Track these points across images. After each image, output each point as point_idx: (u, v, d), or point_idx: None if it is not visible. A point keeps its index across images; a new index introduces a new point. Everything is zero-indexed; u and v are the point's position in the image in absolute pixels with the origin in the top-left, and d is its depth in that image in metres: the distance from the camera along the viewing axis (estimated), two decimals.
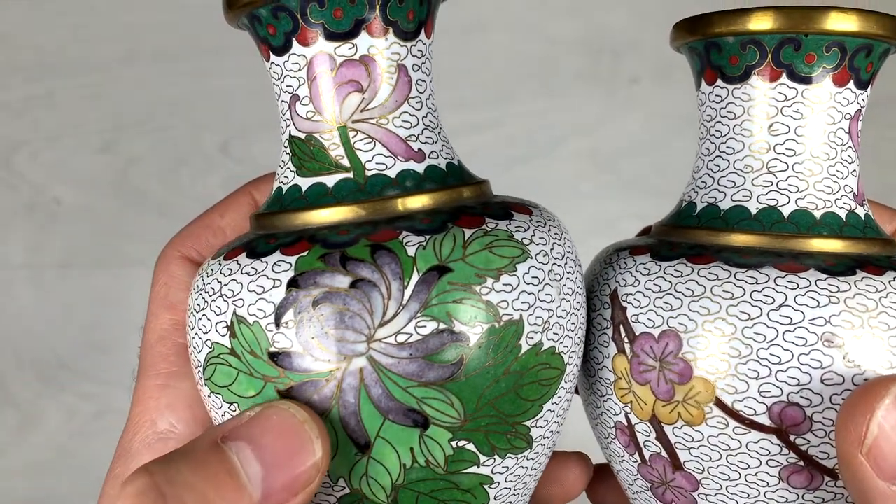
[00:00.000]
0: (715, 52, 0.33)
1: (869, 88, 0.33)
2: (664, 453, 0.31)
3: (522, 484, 0.33)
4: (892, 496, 0.27)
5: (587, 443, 0.40)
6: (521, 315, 0.30)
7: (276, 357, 0.29)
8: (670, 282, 0.31)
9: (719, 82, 0.33)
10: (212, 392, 0.31)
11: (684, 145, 0.83)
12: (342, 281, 0.29)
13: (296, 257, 0.30)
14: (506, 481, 0.32)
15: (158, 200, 0.83)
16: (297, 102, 0.33)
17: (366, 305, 0.29)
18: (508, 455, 0.31)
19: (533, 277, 0.30)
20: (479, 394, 0.30)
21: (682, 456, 0.31)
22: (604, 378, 0.33)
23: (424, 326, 0.29)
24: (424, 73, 0.33)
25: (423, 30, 0.33)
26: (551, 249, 0.31)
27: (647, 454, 0.32)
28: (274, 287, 0.30)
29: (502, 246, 0.30)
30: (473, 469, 0.31)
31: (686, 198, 0.35)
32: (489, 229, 0.30)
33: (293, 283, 0.29)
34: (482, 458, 0.31)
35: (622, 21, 0.84)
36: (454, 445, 0.30)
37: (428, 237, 0.30)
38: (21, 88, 0.84)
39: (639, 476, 0.33)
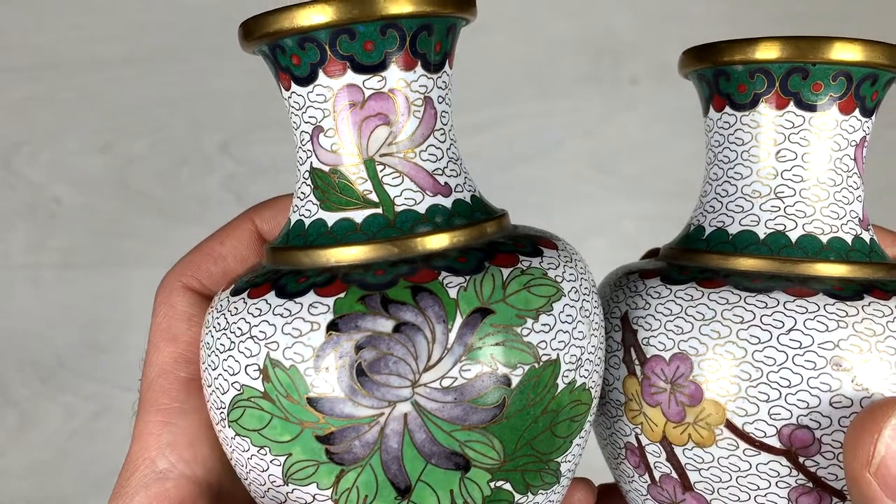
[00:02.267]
0: (724, 79, 0.34)
1: (874, 116, 0.34)
2: (674, 474, 0.32)
3: None
4: None
5: (595, 461, 0.41)
6: (557, 354, 0.30)
7: (315, 402, 0.29)
8: (681, 305, 0.31)
9: (728, 109, 0.34)
10: (237, 434, 0.31)
11: (684, 146, 0.84)
12: (385, 325, 0.29)
13: (333, 299, 0.30)
14: None
15: (158, 200, 0.84)
16: (321, 134, 0.32)
17: (410, 350, 0.29)
18: (540, 491, 0.32)
19: (567, 315, 0.31)
20: (519, 434, 0.30)
21: (693, 477, 0.31)
22: (614, 399, 0.34)
23: (469, 370, 0.29)
24: (448, 104, 0.33)
25: (447, 61, 0.33)
26: (580, 286, 0.32)
27: (657, 475, 0.33)
28: (312, 330, 0.29)
29: (539, 285, 0.30)
30: None
31: (694, 221, 0.35)
32: (525, 268, 0.30)
33: (333, 327, 0.29)
34: (517, 497, 0.31)
35: (622, 22, 0.85)
36: (492, 486, 0.30)
37: (467, 278, 0.30)
38: (21, 88, 0.84)
39: (649, 497, 0.34)
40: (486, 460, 0.30)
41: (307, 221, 0.33)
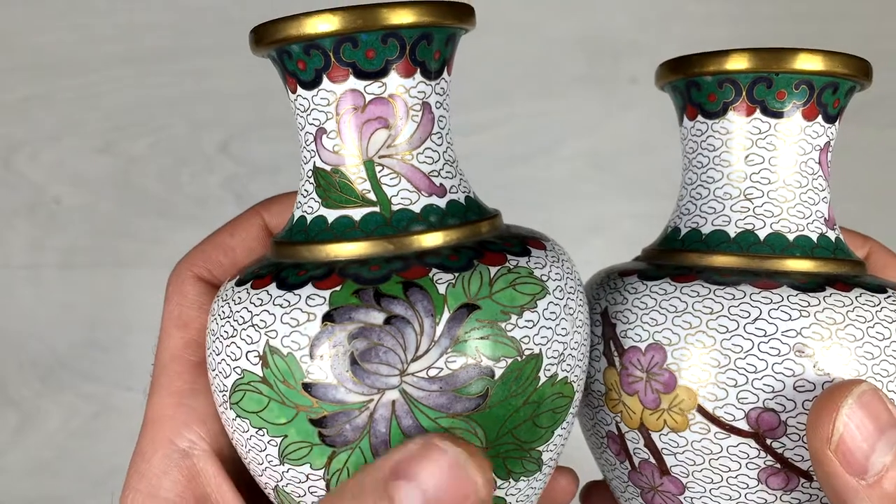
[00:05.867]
0: (695, 90, 0.37)
1: (837, 122, 0.37)
2: (652, 459, 0.35)
3: (530, 502, 0.36)
4: (861, 490, 0.30)
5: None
6: (540, 349, 0.33)
7: (309, 388, 0.32)
8: (655, 299, 0.35)
9: (699, 118, 0.37)
10: (238, 416, 0.34)
11: None
12: (377, 317, 0.31)
13: (329, 291, 0.32)
14: (516, 501, 0.35)
15: (158, 200, 0.85)
16: (324, 136, 0.35)
17: (399, 341, 0.31)
18: (522, 478, 0.34)
19: (551, 313, 0.33)
20: (501, 423, 0.32)
21: (669, 461, 0.35)
22: (596, 391, 0.37)
23: (454, 361, 0.31)
24: (445, 109, 0.36)
25: (445, 68, 0.36)
26: (566, 284, 0.34)
27: (636, 461, 0.36)
28: (309, 321, 0.32)
29: (524, 283, 0.33)
30: None
31: (671, 224, 0.39)
32: (511, 267, 0.33)
33: (328, 318, 0.32)
34: (499, 482, 0.34)
35: (622, 22, 0.86)
36: None
37: (456, 275, 0.32)
38: (21, 88, 0.86)
39: (630, 483, 0.37)
40: None
41: (309, 218, 0.36)
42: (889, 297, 0.35)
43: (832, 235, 0.37)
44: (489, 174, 0.83)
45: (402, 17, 0.33)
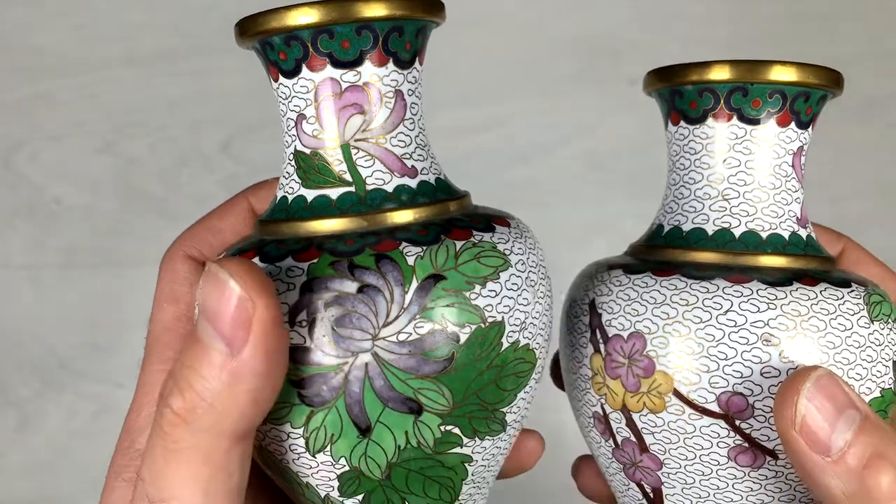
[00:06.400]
0: (678, 97, 0.42)
1: (811, 128, 0.42)
2: (633, 438, 0.40)
3: (495, 461, 0.41)
4: (826, 466, 0.34)
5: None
6: (502, 317, 0.37)
7: (290, 352, 0.36)
8: (637, 291, 0.40)
9: (682, 123, 0.42)
10: None
11: None
12: (350, 286, 0.35)
13: (307, 263, 0.36)
14: (482, 459, 0.39)
15: (158, 200, 0.88)
16: (304, 121, 0.39)
17: (371, 308, 0.35)
18: (487, 437, 0.39)
19: (513, 284, 0.37)
20: (467, 385, 0.37)
21: (648, 440, 0.40)
22: (584, 375, 0.42)
23: (422, 327, 0.36)
24: (417, 96, 0.40)
25: (417, 58, 0.40)
26: (528, 259, 0.39)
27: (619, 439, 0.41)
28: (288, 290, 0.36)
29: (488, 256, 0.37)
30: (457, 449, 0.38)
31: (656, 221, 0.44)
32: (476, 241, 0.37)
33: (306, 287, 0.36)
34: (465, 440, 0.38)
35: (621, 21, 0.89)
36: (442, 429, 0.37)
37: (424, 248, 0.36)
38: (21, 88, 0.88)
39: (613, 459, 0.42)
40: (436, 406, 0.37)
41: (290, 197, 0.40)
42: (852, 291, 0.39)
43: (804, 234, 0.42)
44: (489, 174, 0.89)
45: (375, 10, 0.37)
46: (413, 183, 0.39)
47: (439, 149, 0.92)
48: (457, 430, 0.38)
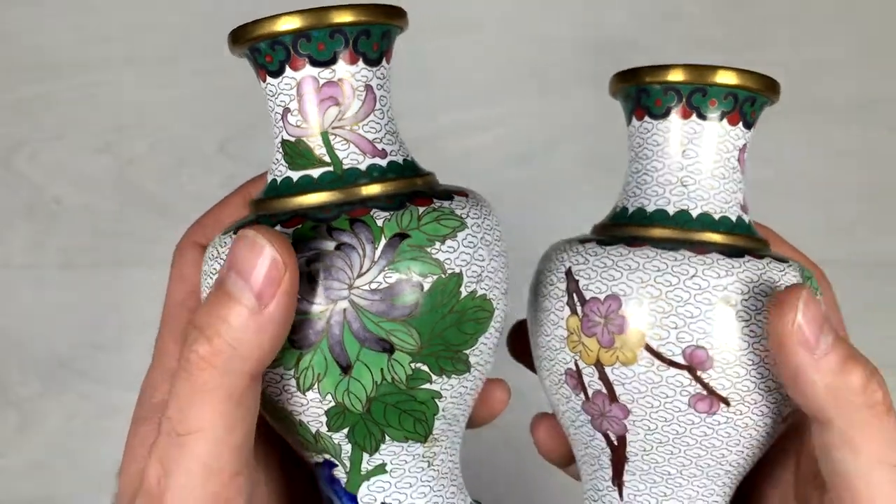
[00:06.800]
0: (644, 95, 0.50)
1: (752, 129, 0.51)
2: (604, 390, 0.47)
3: (463, 400, 0.48)
4: (812, 363, 0.42)
5: None
6: (460, 269, 0.45)
7: None
8: (613, 259, 0.47)
9: (646, 118, 0.50)
10: None
11: None
12: (329, 245, 0.43)
13: (293, 229, 0.44)
14: (451, 396, 0.47)
15: (158, 200, 0.93)
16: (289, 114, 0.47)
17: (347, 262, 0.43)
18: (453, 375, 0.46)
19: (469, 242, 0.45)
20: (431, 327, 0.44)
21: (618, 390, 0.47)
22: (558, 335, 0.49)
23: (391, 277, 0.43)
24: (386, 91, 0.48)
25: (384, 58, 0.48)
26: (483, 223, 0.46)
27: (590, 392, 0.48)
28: None
29: (447, 219, 0.45)
30: (427, 385, 0.46)
31: (619, 205, 0.52)
32: (437, 207, 0.45)
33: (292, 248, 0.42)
34: (434, 377, 0.45)
35: (621, 21, 0.94)
36: (413, 367, 0.45)
37: (392, 213, 0.44)
38: (21, 88, 0.94)
39: (582, 412, 0.49)
40: (406, 346, 0.44)
41: (279, 179, 0.48)
42: (790, 265, 0.48)
43: (746, 219, 0.50)
44: (489, 173, 0.93)
45: (345, 16, 0.45)
46: (383, 162, 0.47)
47: (440, 148, 0.98)
48: (425, 368, 0.45)
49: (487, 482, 0.94)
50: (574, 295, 0.48)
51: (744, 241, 0.49)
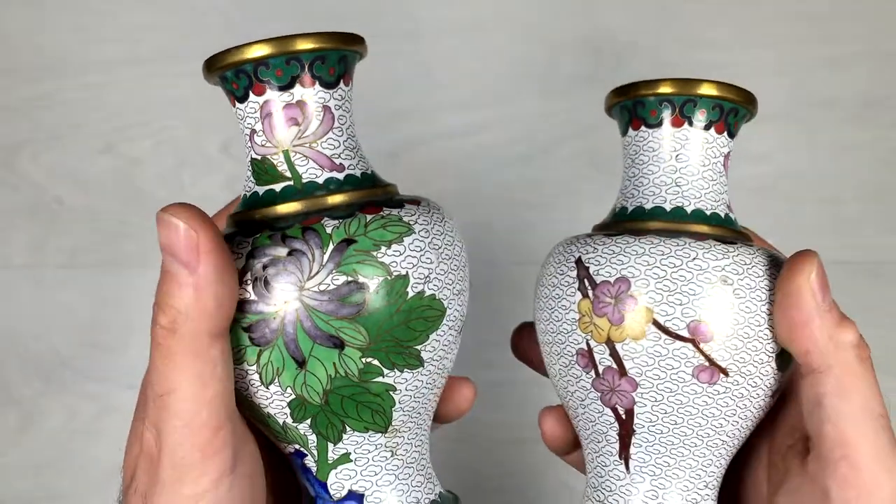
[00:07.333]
0: (640, 107, 0.55)
1: (734, 138, 0.56)
2: (614, 365, 0.51)
3: (421, 394, 0.51)
4: (819, 313, 0.49)
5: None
6: (407, 271, 0.48)
7: (240, 304, 0.47)
8: (621, 247, 0.51)
9: (643, 128, 0.56)
10: None
11: None
12: (282, 251, 0.47)
13: (252, 238, 0.47)
14: (406, 390, 0.50)
15: (160, 201, 0.78)
16: (255, 135, 0.51)
17: (298, 266, 0.47)
18: (406, 369, 0.49)
19: (416, 246, 0.48)
20: (379, 325, 0.47)
21: (628, 365, 0.51)
22: (570, 319, 0.53)
23: (338, 279, 0.47)
24: (345, 110, 0.51)
25: (341, 80, 0.51)
26: (433, 228, 0.50)
27: (601, 369, 0.52)
28: (238, 258, 0.47)
29: (393, 225, 0.48)
30: (380, 379, 0.49)
31: (618, 205, 0.56)
32: (385, 214, 0.48)
33: (250, 255, 0.47)
34: (385, 371, 0.49)
35: (621, 21, 0.96)
36: (364, 361, 0.48)
37: (341, 220, 0.47)
38: (22, 88, 0.96)
39: (592, 389, 0.53)
40: (355, 342, 0.47)
41: (248, 194, 0.51)
42: (773, 256, 0.54)
43: (732, 216, 0.57)
44: (490, 174, 0.96)
45: (299, 45, 0.49)
46: (341, 176, 0.50)
47: (440, 149, 1.00)
48: (376, 362, 0.48)
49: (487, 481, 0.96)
50: (585, 280, 0.52)
51: (732, 233, 0.54)
